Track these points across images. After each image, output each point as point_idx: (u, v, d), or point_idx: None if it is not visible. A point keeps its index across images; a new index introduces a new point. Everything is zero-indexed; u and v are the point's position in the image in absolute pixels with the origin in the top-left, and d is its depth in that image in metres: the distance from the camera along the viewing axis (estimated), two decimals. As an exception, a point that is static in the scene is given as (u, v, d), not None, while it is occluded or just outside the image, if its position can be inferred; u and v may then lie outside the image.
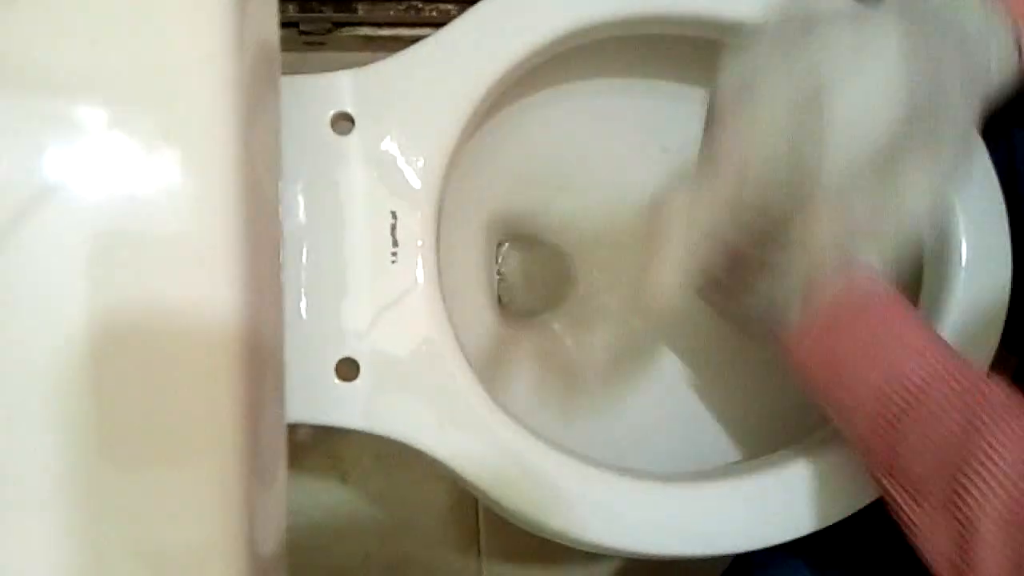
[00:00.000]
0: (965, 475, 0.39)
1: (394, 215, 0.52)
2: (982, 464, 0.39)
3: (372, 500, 0.85)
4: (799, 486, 0.54)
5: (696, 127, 0.67)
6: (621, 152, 0.68)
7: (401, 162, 0.53)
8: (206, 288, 0.25)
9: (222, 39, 0.26)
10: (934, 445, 0.41)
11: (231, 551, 0.25)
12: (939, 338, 0.46)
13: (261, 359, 0.27)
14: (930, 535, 0.41)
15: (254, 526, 0.26)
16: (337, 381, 0.52)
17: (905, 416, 0.43)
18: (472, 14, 0.55)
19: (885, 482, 0.44)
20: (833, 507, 0.54)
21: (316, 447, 0.84)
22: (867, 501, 0.53)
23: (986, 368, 0.56)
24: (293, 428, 0.52)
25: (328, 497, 0.84)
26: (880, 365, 0.44)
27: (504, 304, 0.68)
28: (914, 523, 0.42)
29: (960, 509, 0.39)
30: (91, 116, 0.25)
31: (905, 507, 0.43)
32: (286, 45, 0.77)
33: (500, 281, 0.68)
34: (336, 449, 0.84)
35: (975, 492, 0.39)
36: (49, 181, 0.25)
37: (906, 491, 0.43)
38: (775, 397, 0.65)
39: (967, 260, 0.57)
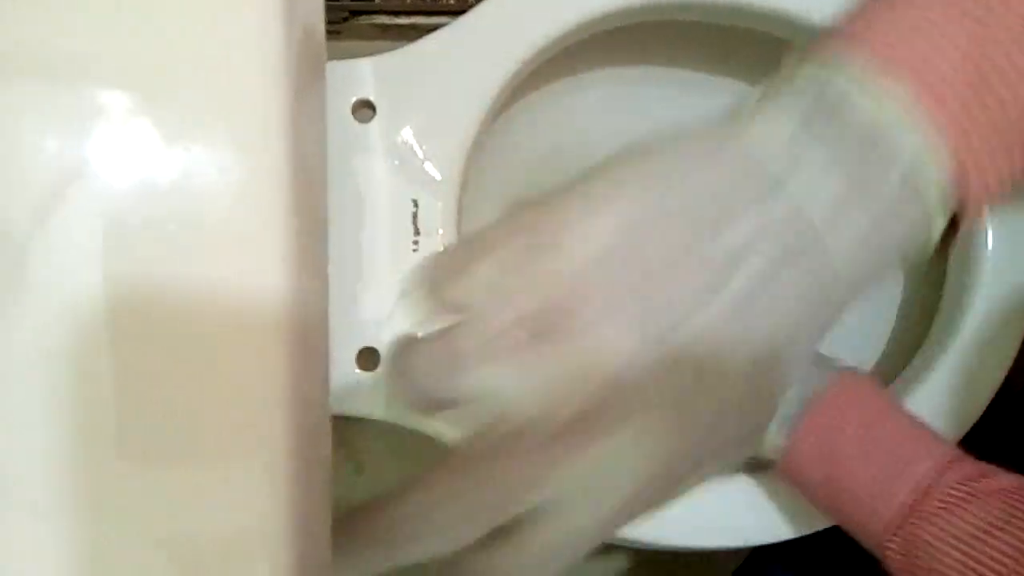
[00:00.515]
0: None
1: (415, 203, 0.52)
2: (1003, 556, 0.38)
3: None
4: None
5: (713, 115, 0.67)
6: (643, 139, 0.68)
7: (423, 150, 0.52)
8: (255, 272, 0.25)
9: (271, 24, 0.26)
10: (950, 542, 0.40)
11: (279, 542, 0.25)
12: (927, 426, 0.45)
13: (309, 344, 0.27)
14: None
15: (301, 516, 0.25)
16: (358, 371, 0.51)
17: (926, 523, 0.41)
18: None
19: None
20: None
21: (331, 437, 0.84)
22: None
23: (1009, 365, 0.56)
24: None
25: (343, 488, 0.84)
26: (890, 476, 0.43)
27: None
28: None
29: None
30: (136, 102, 0.25)
31: None
32: (303, 33, 0.77)
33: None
34: (351, 439, 0.84)
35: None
36: (91, 166, 0.25)
37: None
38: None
39: (992, 251, 0.56)
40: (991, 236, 0.56)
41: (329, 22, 0.76)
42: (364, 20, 0.77)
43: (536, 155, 0.67)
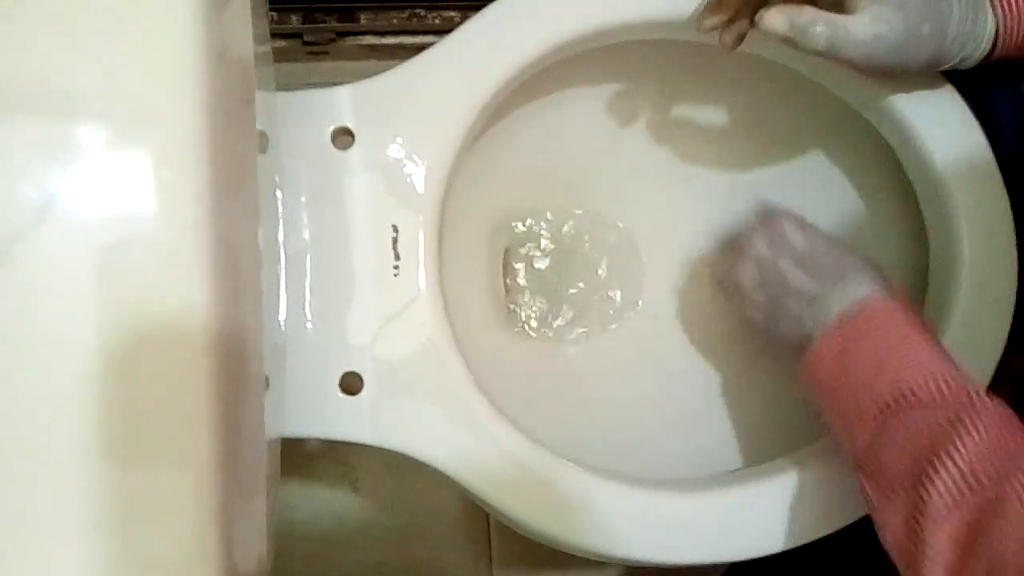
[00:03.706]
0: (931, 465, 0.42)
1: (395, 229, 0.52)
2: (947, 454, 0.42)
3: (383, 507, 0.85)
4: (805, 493, 0.54)
5: (694, 131, 0.67)
6: (626, 158, 0.68)
7: (402, 176, 0.53)
8: (178, 293, 0.26)
9: (194, 57, 0.27)
10: (912, 443, 0.44)
11: (206, 563, 0.25)
12: (942, 351, 0.48)
13: (235, 364, 0.28)
14: (891, 525, 0.44)
15: (231, 537, 0.26)
16: (341, 395, 0.52)
17: (894, 417, 0.45)
18: (473, 24, 0.55)
19: (865, 480, 0.47)
20: (843, 512, 0.54)
21: (326, 455, 0.85)
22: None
23: (994, 366, 0.56)
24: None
25: (339, 505, 0.84)
26: (882, 376, 0.47)
27: (510, 310, 0.68)
28: (882, 517, 0.45)
29: (918, 494, 0.42)
30: (64, 132, 0.26)
31: (877, 503, 0.45)
32: (290, 56, 0.78)
33: (506, 288, 0.68)
34: (346, 456, 0.85)
35: (933, 476, 0.42)
36: (21, 195, 0.26)
37: (879, 487, 0.45)
38: (777, 405, 0.64)
39: (970, 257, 0.56)
40: (967, 247, 0.56)
41: (316, 43, 0.77)
42: (351, 41, 0.78)
43: (518, 173, 0.67)
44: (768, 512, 0.54)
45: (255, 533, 0.29)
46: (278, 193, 0.52)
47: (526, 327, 0.68)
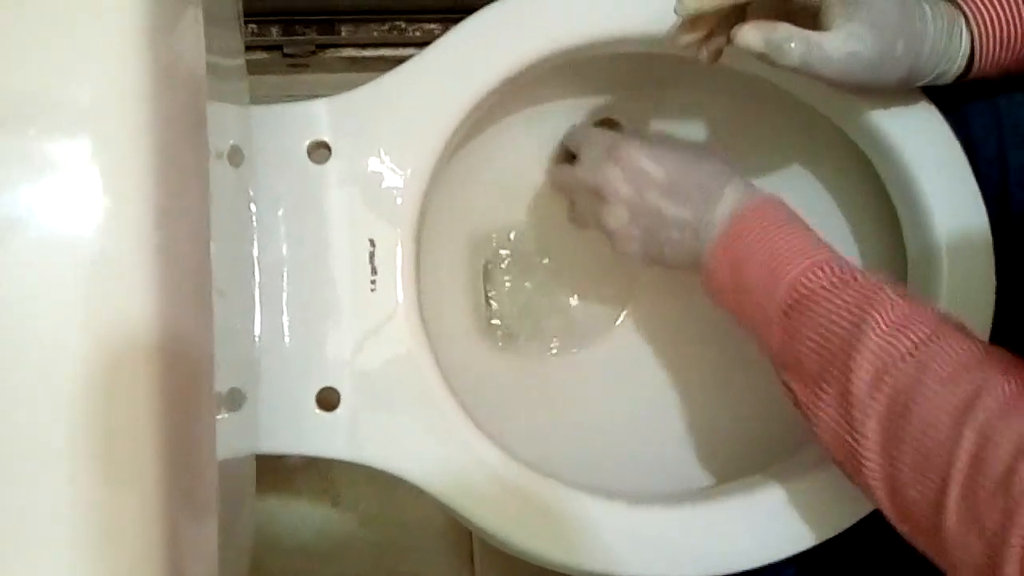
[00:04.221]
0: (847, 355, 0.44)
1: (372, 243, 0.52)
2: (859, 341, 0.44)
3: (364, 521, 0.84)
4: (790, 504, 0.54)
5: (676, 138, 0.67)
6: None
7: (378, 190, 0.52)
8: (121, 308, 0.26)
9: (141, 70, 0.27)
10: (822, 337, 0.46)
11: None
12: (816, 238, 0.50)
13: (183, 380, 0.28)
14: (822, 421, 0.46)
15: (176, 559, 0.26)
16: (318, 411, 0.51)
17: (797, 315, 0.47)
18: (451, 37, 0.55)
19: (788, 379, 0.49)
20: (827, 523, 0.54)
21: (307, 469, 0.84)
22: (864, 514, 0.53)
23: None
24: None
25: (320, 519, 0.84)
26: (774, 278, 0.49)
27: (490, 324, 0.68)
28: (815, 414, 0.46)
29: (841, 386, 0.44)
30: (10, 145, 0.26)
31: (807, 401, 0.47)
32: (270, 68, 0.78)
33: (487, 301, 0.68)
34: (328, 471, 0.84)
35: (851, 365, 0.44)
36: None
37: (804, 385, 0.47)
38: (758, 419, 0.64)
39: (948, 270, 0.56)
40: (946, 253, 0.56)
41: (296, 56, 0.77)
42: (331, 53, 0.77)
43: (496, 186, 0.67)
44: (751, 525, 0.54)
45: (205, 553, 0.29)
46: (253, 207, 0.52)
47: (506, 341, 0.67)
